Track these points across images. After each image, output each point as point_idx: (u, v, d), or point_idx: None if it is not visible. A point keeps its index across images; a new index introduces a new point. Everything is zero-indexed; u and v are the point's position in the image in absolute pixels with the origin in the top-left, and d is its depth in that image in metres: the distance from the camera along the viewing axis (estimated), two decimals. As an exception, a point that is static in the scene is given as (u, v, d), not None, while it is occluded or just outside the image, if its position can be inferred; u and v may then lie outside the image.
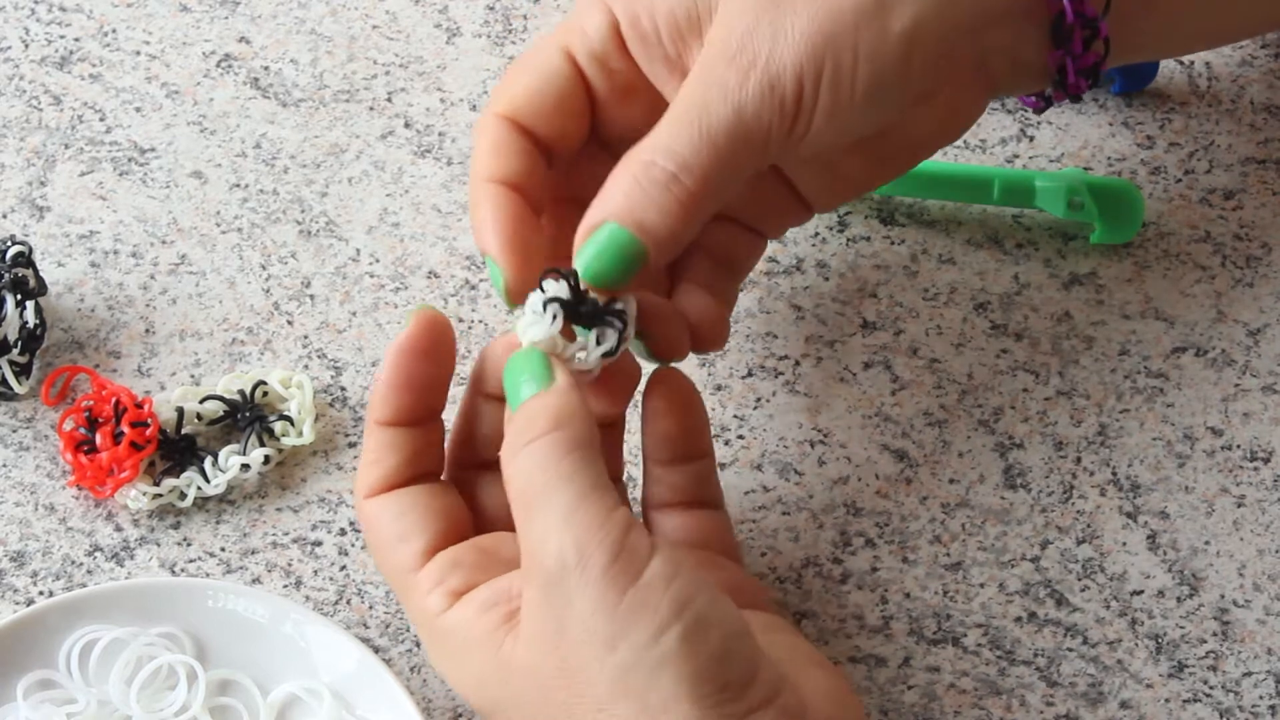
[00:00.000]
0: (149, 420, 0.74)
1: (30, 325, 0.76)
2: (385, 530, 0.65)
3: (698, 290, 0.70)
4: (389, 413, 0.65)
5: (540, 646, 0.60)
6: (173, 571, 0.73)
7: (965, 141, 0.83)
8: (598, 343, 0.64)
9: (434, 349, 0.65)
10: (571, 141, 0.68)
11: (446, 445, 0.67)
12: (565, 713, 0.60)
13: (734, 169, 0.64)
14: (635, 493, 0.73)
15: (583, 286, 0.64)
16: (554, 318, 0.63)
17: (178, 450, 0.75)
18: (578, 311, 0.63)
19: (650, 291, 0.69)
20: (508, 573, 0.63)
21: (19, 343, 0.76)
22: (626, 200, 0.63)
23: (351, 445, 0.76)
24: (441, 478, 0.67)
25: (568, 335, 0.64)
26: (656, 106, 0.67)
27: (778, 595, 0.74)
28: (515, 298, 0.65)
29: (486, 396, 0.67)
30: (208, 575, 0.73)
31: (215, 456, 0.75)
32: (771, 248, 0.80)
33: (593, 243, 0.63)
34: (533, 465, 0.60)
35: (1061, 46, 0.69)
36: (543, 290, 0.63)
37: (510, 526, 0.63)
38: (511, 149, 0.66)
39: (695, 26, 0.67)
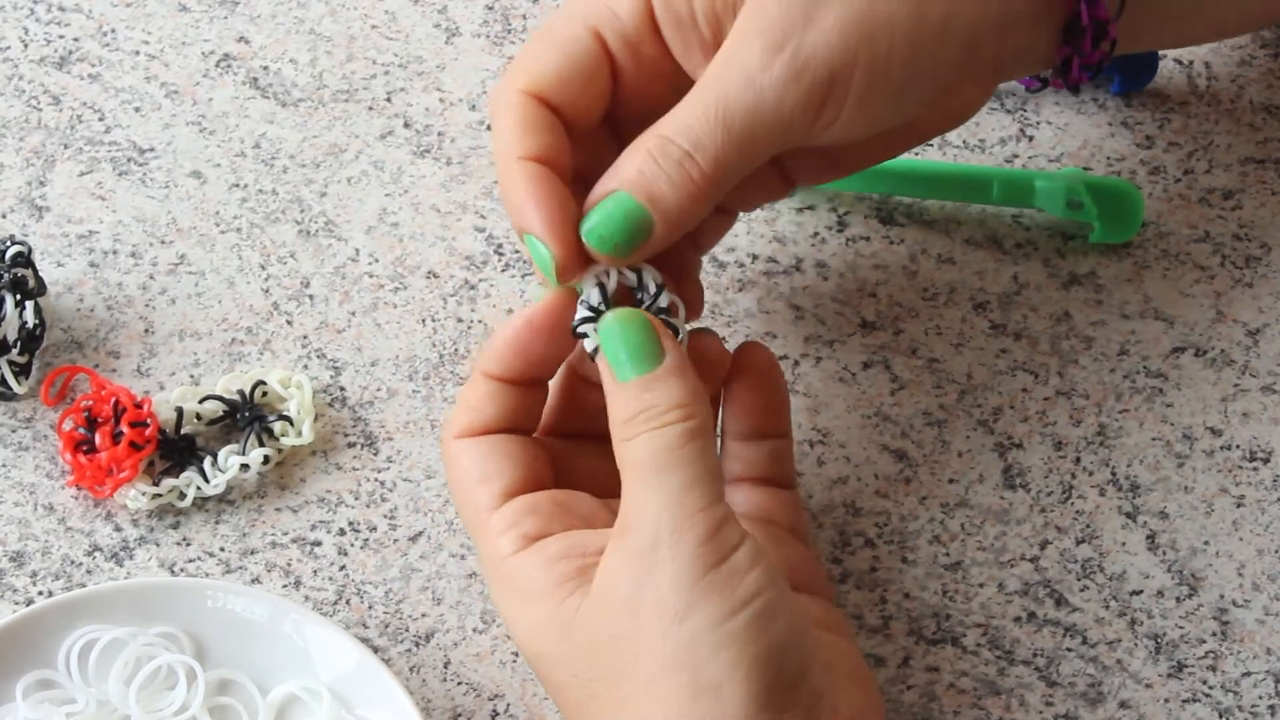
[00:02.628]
0: (148, 420, 0.74)
1: (30, 325, 0.76)
2: (468, 471, 0.66)
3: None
4: (498, 369, 0.66)
5: (609, 608, 0.61)
6: (172, 571, 0.73)
7: (965, 141, 0.83)
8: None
9: (560, 331, 0.66)
10: (591, 121, 0.67)
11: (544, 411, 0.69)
12: (615, 677, 0.61)
13: (750, 153, 0.64)
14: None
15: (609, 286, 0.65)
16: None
17: (177, 450, 0.75)
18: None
19: None
20: (583, 529, 0.64)
21: (18, 343, 0.76)
22: (639, 174, 0.63)
23: (350, 445, 0.76)
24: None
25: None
26: (680, 89, 0.66)
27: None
28: (565, 276, 0.64)
29: (583, 380, 0.68)
30: (207, 575, 0.73)
31: (214, 456, 0.75)
32: (771, 248, 0.80)
33: (601, 208, 0.64)
34: (655, 444, 0.62)
35: (1070, 44, 0.69)
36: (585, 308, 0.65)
37: (595, 494, 0.66)
38: (540, 125, 0.65)
39: (730, 7, 0.65)
